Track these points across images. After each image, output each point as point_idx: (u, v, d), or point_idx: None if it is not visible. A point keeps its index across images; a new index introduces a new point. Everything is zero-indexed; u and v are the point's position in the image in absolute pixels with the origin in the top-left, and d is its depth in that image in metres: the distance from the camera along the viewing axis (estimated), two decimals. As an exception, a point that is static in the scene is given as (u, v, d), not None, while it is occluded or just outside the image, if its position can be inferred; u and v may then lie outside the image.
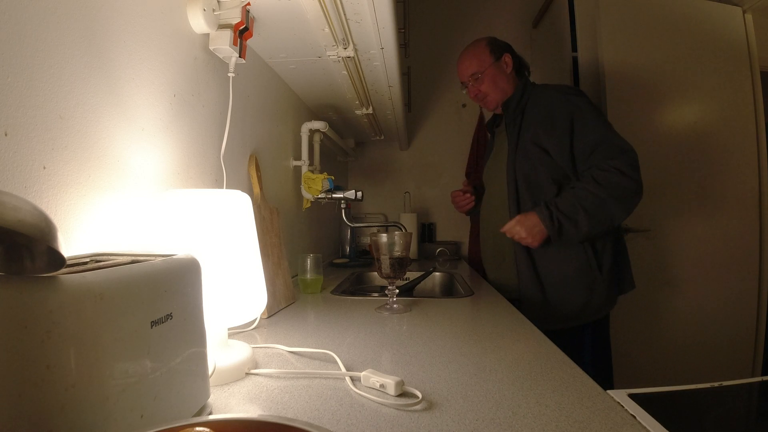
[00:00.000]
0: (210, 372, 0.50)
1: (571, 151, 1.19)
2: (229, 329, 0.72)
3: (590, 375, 0.58)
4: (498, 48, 1.38)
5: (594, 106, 1.22)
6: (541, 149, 1.23)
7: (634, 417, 0.46)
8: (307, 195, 1.48)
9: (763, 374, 2.03)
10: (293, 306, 1.06)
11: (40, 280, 0.29)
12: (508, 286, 1.33)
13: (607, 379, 1.38)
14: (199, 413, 0.46)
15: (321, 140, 1.59)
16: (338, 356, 0.66)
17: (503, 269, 1.37)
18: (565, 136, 1.19)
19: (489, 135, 1.58)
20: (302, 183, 1.46)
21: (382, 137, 2.23)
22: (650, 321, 1.89)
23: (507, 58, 1.37)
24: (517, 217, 1.21)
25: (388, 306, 1.01)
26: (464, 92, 1.46)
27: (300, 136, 1.50)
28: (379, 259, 1.04)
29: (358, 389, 0.54)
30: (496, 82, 1.36)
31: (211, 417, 0.34)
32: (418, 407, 0.50)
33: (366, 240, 2.36)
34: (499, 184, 1.37)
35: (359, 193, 1.51)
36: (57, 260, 0.29)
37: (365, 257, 2.12)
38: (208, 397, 0.48)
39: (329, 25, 0.97)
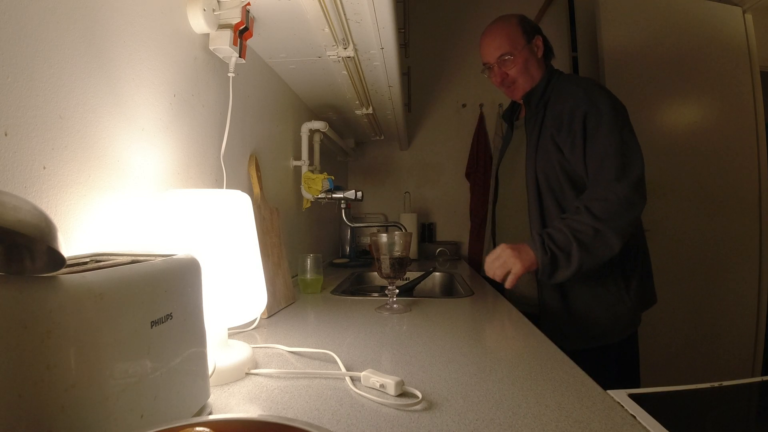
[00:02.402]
0: (210, 372, 0.50)
1: (584, 155, 1.09)
2: (229, 329, 0.72)
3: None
4: (530, 28, 1.23)
5: (613, 105, 1.10)
6: (558, 149, 1.14)
7: (634, 417, 0.46)
8: (307, 195, 1.48)
9: (763, 374, 2.03)
10: (293, 306, 1.06)
11: (40, 280, 0.29)
12: (527, 297, 1.21)
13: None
14: (199, 413, 0.46)
15: (321, 140, 1.59)
16: (338, 356, 0.66)
17: (522, 278, 1.24)
18: (579, 138, 1.09)
19: (505, 126, 1.45)
20: (302, 183, 1.46)
21: (382, 137, 2.23)
22: (650, 321, 1.89)
23: (538, 41, 1.23)
24: (502, 245, 1.07)
25: (388, 306, 1.01)
26: (485, 75, 1.29)
27: (300, 136, 1.50)
28: (379, 259, 1.04)
29: (358, 389, 0.54)
30: (527, 67, 1.21)
31: (211, 417, 0.34)
32: (418, 407, 0.50)
33: (366, 240, 2.36)
34: (517, 184, 1.27)
35: (359, 193, 1.51)
36: (57, 260, 0.29)
37: (365, 257, 2.12)
38: (208, 397, 0.48)
39: (329, 25, 0.97)
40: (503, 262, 1.04)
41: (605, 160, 1.06)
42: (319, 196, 1.47)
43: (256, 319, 0.87)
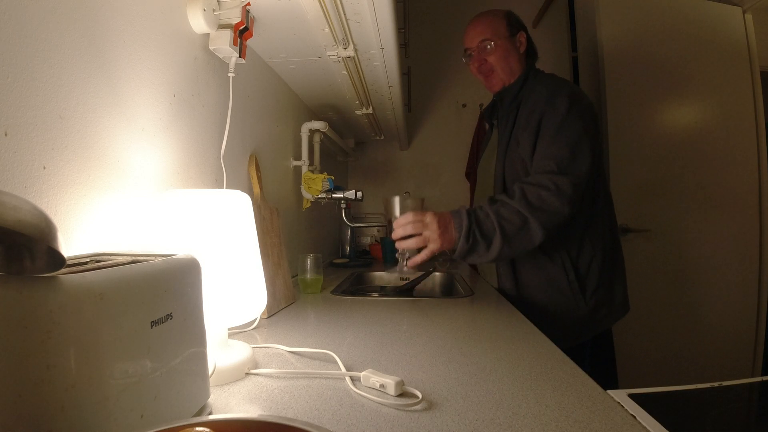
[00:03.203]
0: (210, 372, 0.50)
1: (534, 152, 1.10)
2: (229, 329, 0.72)
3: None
4: (516, 23, 1.24)
5: (572, 108, 1.07)
6: (521, 148, 1.13)
7: (634, 417, 0.46)
8: (307, 195, 1.48)
9: (763, 374, 2.03)
10: (293, 306, 1.06)
11: (40, 280, 0.29)
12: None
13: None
14: (199, 413, 0.46)
15: (321, 140, 1.59)
16: (338, 356, 0.66)
17: (488, 267, 1.28)
18: (534, 137, 1.10)
19: (487, 126, 1.45)
20: (302, 183, 1.46)
21: (382, 137, 2.23)
22: (650, 321, 1.89)
23: (522, 36, 1.23)
24: (431, 215, 1.01)
25: (398, 269, 1.00)
26: (464, 61, 1.29)
27: (300, 136, 1.50)
28: (390, 221, 1.02)
29: (358, 389, 0.54)
30: (507, 57, 1.21)
31: (211, 417, 0.34)
32: (418, 407, 0.50)
33: (366, 240, 2.36)
34: (491, 182, 1.27)
35: (359, 193, 1.51)
36: (57, 260, 0.29)
37: (365, 257, 2.12)
38: (208, 397, 0.48)
39: (329, 25, 0.96)
40: (426, 236, 0.99)
41: (551, 154, 1.05)
42: (319, 196, 1.47)
43: (256, 319, 0.87)
